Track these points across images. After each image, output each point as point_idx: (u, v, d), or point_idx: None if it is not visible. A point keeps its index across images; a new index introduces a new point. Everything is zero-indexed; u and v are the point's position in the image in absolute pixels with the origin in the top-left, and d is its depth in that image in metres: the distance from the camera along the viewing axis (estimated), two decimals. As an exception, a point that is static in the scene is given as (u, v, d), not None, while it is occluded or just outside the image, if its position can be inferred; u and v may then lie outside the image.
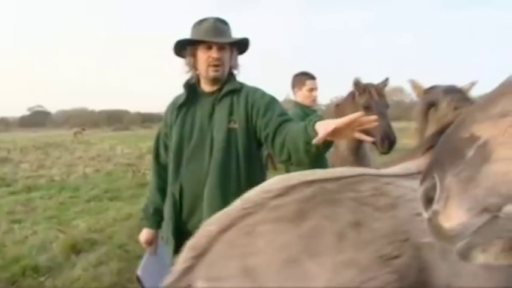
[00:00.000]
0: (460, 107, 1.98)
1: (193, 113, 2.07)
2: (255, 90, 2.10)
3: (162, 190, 2.18)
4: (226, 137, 1.96)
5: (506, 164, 0.56)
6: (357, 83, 3.29)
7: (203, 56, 1.99)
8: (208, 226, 0.98)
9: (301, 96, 3.27)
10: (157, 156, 2.24)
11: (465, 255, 0.61)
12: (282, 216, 0.94)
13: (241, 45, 2.14)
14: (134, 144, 20.73)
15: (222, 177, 1.93)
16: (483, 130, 0.59)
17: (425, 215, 0.65)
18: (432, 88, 2.32)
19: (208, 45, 1.98)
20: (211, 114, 2.03)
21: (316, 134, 1.57)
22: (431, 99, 2.22)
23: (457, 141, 0.63)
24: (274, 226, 0.93)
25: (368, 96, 3.20)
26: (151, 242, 2.25)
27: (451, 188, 0.61)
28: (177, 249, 1.87)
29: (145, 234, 2.24)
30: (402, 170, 1.19)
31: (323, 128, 1.54)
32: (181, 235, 1.96)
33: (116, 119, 68.54)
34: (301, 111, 3.15)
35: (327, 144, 1.63)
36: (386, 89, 3.31)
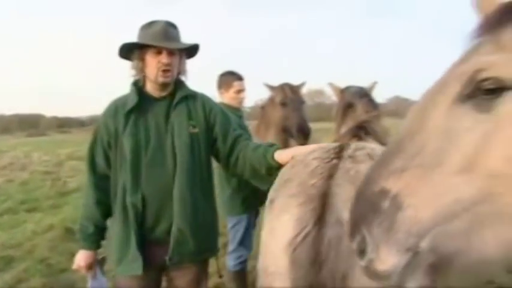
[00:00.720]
0: (369, 110, 2.30)
1: (145, 119, 1.99)
2: (208, 97, 2.19)
3: (101, 204, 2.02)
4: (189, 141, 1.97)
5: (414, 209, 0.74)
6: (268, 85, 3.62)
7: (153, 61, 1.95)
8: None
9: (228, 97, 3.22)
10: (93, 166, 2.04)
11: (400, 285, 0.78)
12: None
13: (191, 50, 2.12)
14: (52, 151, 19.41)
15: (190, 179, 1.94)
16: (391, 184, 0.77)
17: (362, 263, 0.80)
18: (347, 88, 2.58)
19: (158, 50, 1.94)
20: (167, 120, 2.01)
21: (276, 162, 1.83)
22: (349, 100, 2.44)
23: (372, 196, 0.80)
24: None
25: (283, 95, 3.47)
26: (91, 266, 2.03)
27: (378, 237, 0.78)
28: (146, 264, 1.86)
29: (84, 257, 2.01)
30: None
31: (286, 156, 1.81)
32: (145, 247, 1.90)
33: (29, 124, 63.66)
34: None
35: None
36: (307, 91, 3.60)
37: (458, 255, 0.73)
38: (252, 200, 3.15)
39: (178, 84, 2.09)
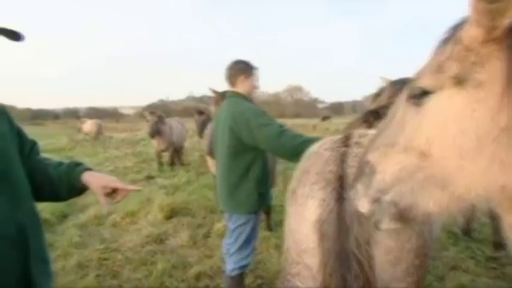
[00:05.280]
0: (392, 96, 2.39)
1: None
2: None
3: None
4: None
5: (381, 174, 1.10)
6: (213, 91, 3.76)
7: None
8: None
9: (248, 86, 2.95)
10: None
11: (375, 226, 1.15)
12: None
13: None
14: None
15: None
16: (371, 157, 1.14)
17: (355, 205, 1.19)
18: (400, 80, 2.68)
19: None
20: None
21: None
22: (381, 91, 2.64)
23: (362, 163, 1.19)
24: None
25: None
26: None
27: (361, 190, 1.16)
28: None
29: None
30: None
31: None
32: None
33: (-1, 116, 61.57)
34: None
35: None
36: (286, 87, 3.79)
37: (411, 208, 1.03)
38: (265, 198, 2.97)
39: None
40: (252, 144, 2.68)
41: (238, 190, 2.84)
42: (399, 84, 2.53)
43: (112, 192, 1.57)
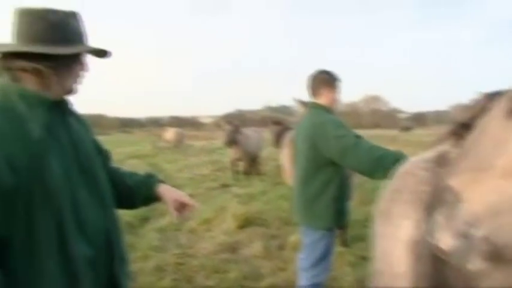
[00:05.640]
0: (487, 107, 2.32)
1: None
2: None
3: None
4: None
5: (468, 203, 0.89)
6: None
7: None
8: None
9: (330, 98, 2.80)
10: None
11: (460, 266, 0.90)
12: None
13: None
14: (113, 150, 20.35)
15: None
16: (454, 182, 0.93)
17: (431, 241, 0.96)
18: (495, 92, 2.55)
19: None
20: None
21: None
22: (474, 103, 2.49)
23: (441, 189, 0.97)
24: None
25: None
26: None
27: (442, 222, 0.94)
28: None
29: None
30: None
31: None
32: None
33: (93, 123, 67.40)
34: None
35: None
36: (363, 97, 3.47)
37: (508, 247, 0.85)
38: (342, 215, 2.80)
39: None
40: (329, 157, 2.57)
41: (314, 204, 2.73)
42: (494, 96, 2.33)
43: (180, 206, 1.68)
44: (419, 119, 64.80)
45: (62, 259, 1.21)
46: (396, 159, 2.21)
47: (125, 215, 5.65)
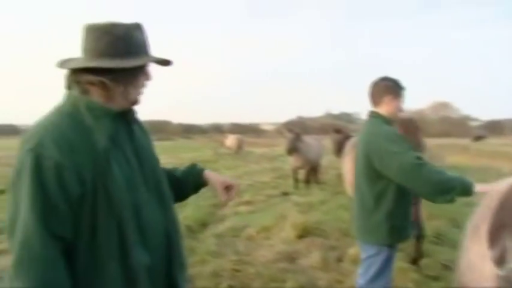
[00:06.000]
0: None
1: None
2: None
3: None
4: None
5: None
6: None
7: None
8: None
9: (393, 107, 2.67)
10: None
11: None
12: None
13: None
14: (176, 155, 21.18)
15: None
16: None
17: (501, 273, 0.94)
18: None
19: None
20: None
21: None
22: None
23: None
24: None
25: None
26: None
27: None
28: None
29: None
30: None
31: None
32: None
33: (158, 129, 70.60)
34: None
35: None
36: (432, 104, 3.22)
37: None
38: (402, 232, 2.66)
39: None
40: (382, 171, 2.46)
41: (369, 218, 2.62)
42: None
43: (226, 189, 1.77)
44: (494, 127, 60.50)
45: (123, 264, 1.27)
46: (461, 185, 2.13)
47: (185, 219, 5.79)
